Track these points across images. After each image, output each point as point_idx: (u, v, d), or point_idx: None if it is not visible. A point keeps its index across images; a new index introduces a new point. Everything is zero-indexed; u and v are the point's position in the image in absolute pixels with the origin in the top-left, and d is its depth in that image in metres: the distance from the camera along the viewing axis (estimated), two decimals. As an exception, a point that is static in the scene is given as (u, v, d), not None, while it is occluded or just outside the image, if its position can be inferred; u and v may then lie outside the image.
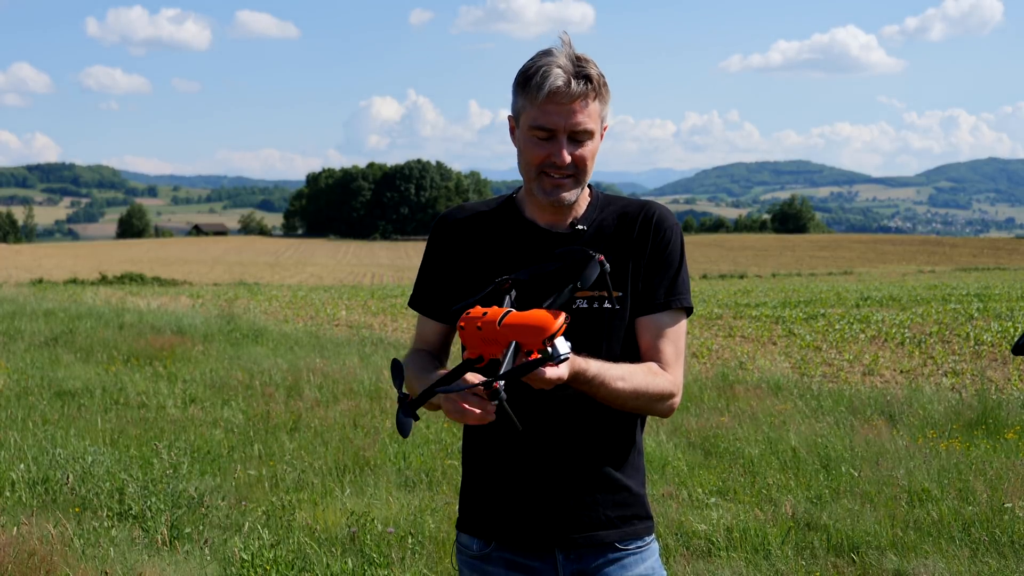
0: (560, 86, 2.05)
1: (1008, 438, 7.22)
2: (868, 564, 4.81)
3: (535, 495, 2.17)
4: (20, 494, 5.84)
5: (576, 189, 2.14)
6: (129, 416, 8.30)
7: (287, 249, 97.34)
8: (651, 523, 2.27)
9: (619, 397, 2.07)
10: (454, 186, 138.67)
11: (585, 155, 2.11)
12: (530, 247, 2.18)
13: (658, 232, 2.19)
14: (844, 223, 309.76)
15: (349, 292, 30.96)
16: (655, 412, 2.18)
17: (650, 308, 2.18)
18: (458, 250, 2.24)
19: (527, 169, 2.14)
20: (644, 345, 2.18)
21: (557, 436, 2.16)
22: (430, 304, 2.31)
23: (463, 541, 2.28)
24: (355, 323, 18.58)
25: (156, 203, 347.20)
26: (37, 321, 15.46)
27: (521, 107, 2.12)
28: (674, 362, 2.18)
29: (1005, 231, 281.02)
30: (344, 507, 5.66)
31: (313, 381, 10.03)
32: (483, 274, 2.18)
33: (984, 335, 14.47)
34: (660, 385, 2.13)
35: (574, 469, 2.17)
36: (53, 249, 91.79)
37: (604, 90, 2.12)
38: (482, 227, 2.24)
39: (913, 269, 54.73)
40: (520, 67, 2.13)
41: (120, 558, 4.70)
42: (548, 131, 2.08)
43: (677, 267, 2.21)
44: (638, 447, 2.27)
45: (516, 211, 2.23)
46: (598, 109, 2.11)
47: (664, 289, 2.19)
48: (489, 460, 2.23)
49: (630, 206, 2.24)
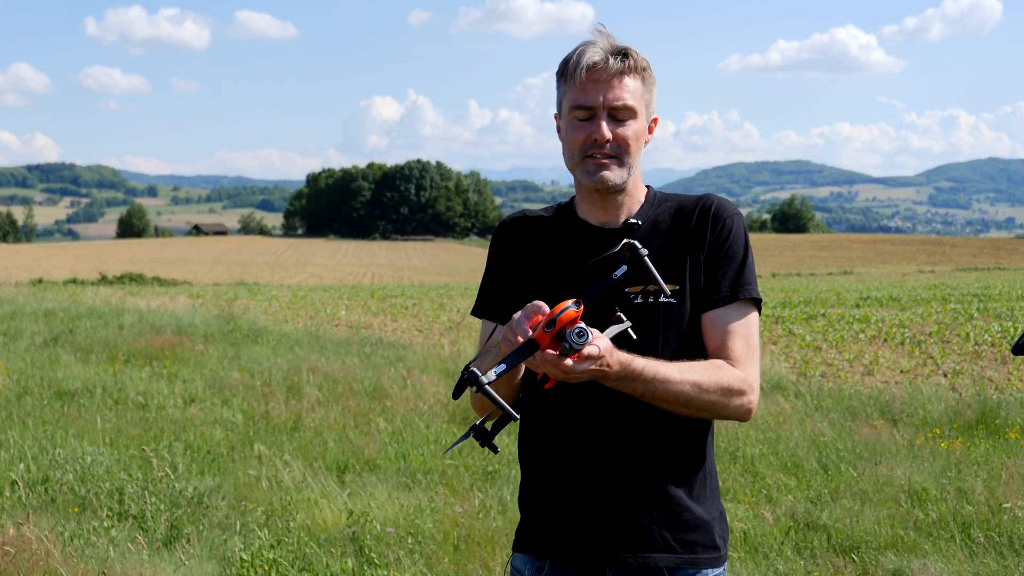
0: (597, 61, 2.02)
1: (1008, 438, 7.22)
2: (868, 564, 4.81)
3: (589, 509, 2.06)
4: (20, 494, 5.84)
5: (621, 171, 2.06)
6: (129, 416, 8.30)
7: (287, 249, 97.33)
8: (718, 554, 2.09)
9: (678, 396, 1.95)
10: (454, 186, 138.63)
11: (627, 134, 2.04)
12: (583, 246, 2.11)
13: (717, 222, 2.09)
14: (844, 223, 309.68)
15: (349, 292, 30.96)
16: (727, 414, 2.03)
17: (714, 302, 2.07)
18: (515, 255, 2.19)
19: (571, 156, 2.08)
20: (712, 343, 2.06)
21: (616, 448, 2.05)
22: (492, 310, 2.22)
23: (516, 564, 2.18)
24: (355, 323, 18.58)
25: (156, 203, 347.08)
26: (37, 321, 15.47)
27: (562, 95, 2.09)
28: (744, 358, 2.04)
29: (1005, 231, 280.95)
30: (344, 507, 5.66)
31: (313, 381, 10.03)
32: (538, 277, 2.13)
33: (984, 335, 14.46)
34: (725, 380, 1.99)
35: (631, 483, 2.05)
36: (53, 249, 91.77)
37: (647, 73, 2.07)
38: (537, 231, 2.19)
39: (913, 269, 54.72)
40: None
41: (119, 558, 4.70)
42: (587, 109, 2.03)
43: (742, 258, 2.09)
44: (708, 468, 2.12)
45: (571, 213, 2.18)
46: (640, 89, 2.06)
47: (728, 281, 2.07)
48: (545, 472, 2.13)
49: (687, 200, 2.15)
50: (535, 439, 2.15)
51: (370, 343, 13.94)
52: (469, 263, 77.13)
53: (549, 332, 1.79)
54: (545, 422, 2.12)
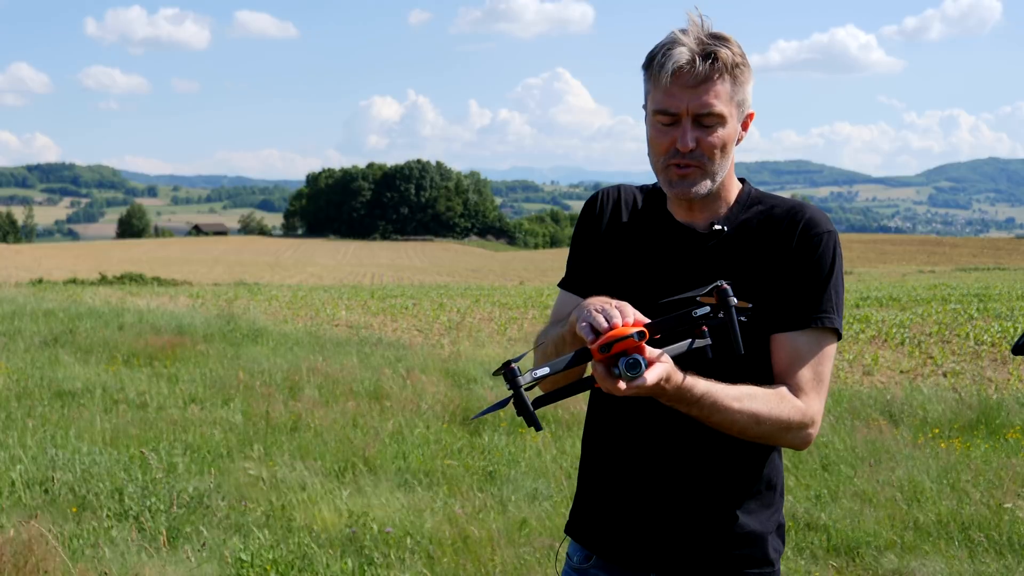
0: (683, 65, 1.86)
1: (1008, 438, 7.22)
2: (868, 564, 4.81)
3: (639, 512, 2.01)
4: (19, 494, 5.84)
5: (705, 181, 1.93)
6: (129, 416, 8.30)
7: (287, 249, 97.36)
8: (771, 569, 2.01)
9: (735, 423, 1.86)
10: (454, 186, 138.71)
11: (714, 142, 1.90)
12: (664, 242, 2.02)
13: (805, 237, 1.94)
14: (844, 223, 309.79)
15: (349, 292, 30.94)
16: (784, 443, 1.94)
17: (786, 324, 1.93)
18: (600, 233, 2.10)
19: (655, 160, 1.96)
20: (778, 366, 1.94)
21: (670, 457, 1.98)
22: (579, 285, 2.11)
23: (569, 550, 2.16)
24: (355, 323, 18.57)
25: (156, 203, 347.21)
26: (37, 321, 15.46)
27: (648, 91, 1.95)
28: (811, 389, 1.92)
29: (1005, 231, 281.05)
30: (343, 507, 5.66)
31: (313, 381, 10.02)
32: (618, 264, 2.05)
33: (984, 335, 14.47)
34: (786, 413, 1.88)
35: (683, 495, 1.98)
36: (53, 249, 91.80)
37: (739, 70, 1.90)
38: (626, 214, 2.09)
39: (913, 269, 54.70)
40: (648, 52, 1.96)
41: (119, 558, 4.70)
42: (671, 115, 1.89)
43: (825, 280, 1.93)
44: (768, 480, 2.03)
45: (660, 203, 2.06)
46: (729, 91, 1.90)
47: (806, 305, 1.92)
48: (599, 466, 2.09)
49: (779, 206, 1.99)
50: (595, 430, 2.11)
51: (370, 343, 13.94)
52: (469, 263, 77.15)
53: (603, 354, 1.71)
54: (606, 416, 2.07)
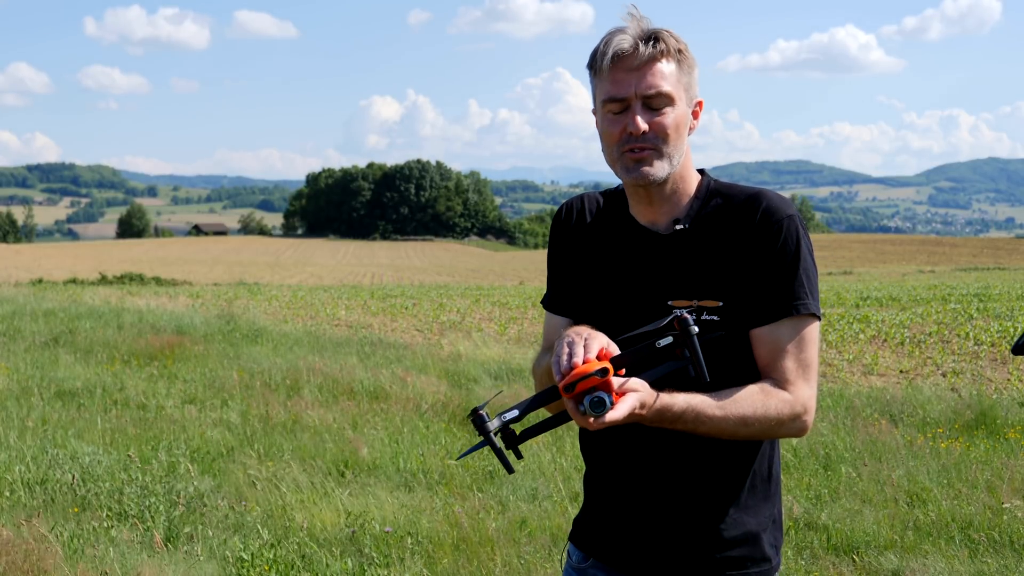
0: (625, 48, 1.87)
1: (1008, 438, 7.21)
2: (868, 564, 4.81)
3: (633, 517, 2.02)
4: (19, 495, 5.84)
5: (662, 163, 1.90)
6: (129, 416, 8.30)
7: (287, 249, 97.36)
8: (768, 566, 2.01)
9: (724, 431, 1.86)
10: (454, 186, 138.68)
11: (665, 123, 1.88)
12: (629, 247, 2.01)
13: (766, 225, 1.90)
14: (844, 223, 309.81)
15: (349, 292, 30.93)
16: (780, 436, 1.96)
17: (762, 318, 1.90)
18: (568, 248, 2.10)
19: (609, 152, 1.94)
20: (761, 361, 1.92)
21: (659, 464, 1.98)
22: (560, 305, 2.13)
23: (569, 548, 2.19)
24: (355, 323, 18.57)
25: (156, 203, 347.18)
26: (37, 321, 15.45)
27: (595, 88, 1.94)
28: (796, 378, 1.90)
29: (1005, 231, 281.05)
30: (343, 507, 5.66)
31: (312, 381, 10.02)
32: (590, 276, 2.05)
33: (984, 335, 14.46)
34: (774, 409, 1.88)
35: (676, 495, 1.98)
36: (53, 249, 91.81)
37: (682, 56, 1.90)
38: (589, 222, 2.08)
39: (913, 269, 54.70)
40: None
41: (119, 558, 4.70)
42: (619, 101, 1.88)
43: (792, 266, 1.90)
44: (762, 472, 2.02)
45: (622, 206, 2.05)
46: (675, 73, 1.89)
47: (779, 294, 1.90)
48: (595, 473, 2.11)
49: (738, 196, 1.96)
50: (589, 440, 2.12)
51: (369, 343, 13.94)
52: (469, 263, 77.15)
53: (569, 394, 1.70)
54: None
